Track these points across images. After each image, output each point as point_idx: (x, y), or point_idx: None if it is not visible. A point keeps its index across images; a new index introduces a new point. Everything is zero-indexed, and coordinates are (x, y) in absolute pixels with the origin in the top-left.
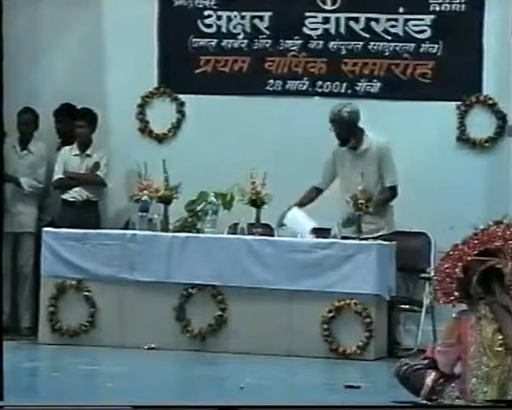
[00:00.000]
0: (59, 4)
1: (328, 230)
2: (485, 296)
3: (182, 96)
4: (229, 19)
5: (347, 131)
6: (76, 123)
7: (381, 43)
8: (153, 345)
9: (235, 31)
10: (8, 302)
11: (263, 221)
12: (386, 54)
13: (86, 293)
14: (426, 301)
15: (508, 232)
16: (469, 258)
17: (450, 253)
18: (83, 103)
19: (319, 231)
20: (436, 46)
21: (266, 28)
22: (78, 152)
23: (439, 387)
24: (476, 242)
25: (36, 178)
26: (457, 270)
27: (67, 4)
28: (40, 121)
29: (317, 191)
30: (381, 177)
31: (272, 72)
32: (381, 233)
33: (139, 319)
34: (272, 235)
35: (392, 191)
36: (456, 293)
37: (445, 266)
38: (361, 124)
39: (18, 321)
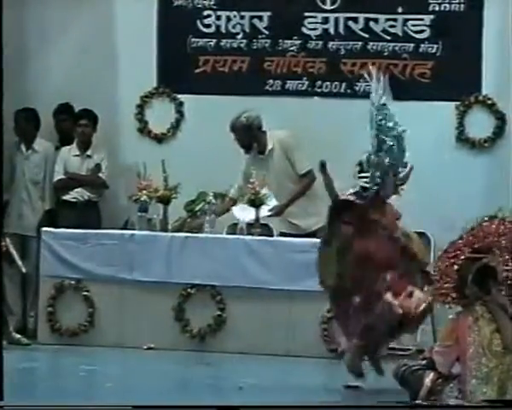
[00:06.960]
0: (59, 5)
1: None
2: (481, 296)
3: (181, 96)
4: (229, 19)
5: (248, 136)
6: (78, 122)
7: (380, 43)
8: (152, 345)
9: (234, 31)
10: (18, 304)
11: (262, 221)
12: (386, 54)
13: (85, 293)
14: None
15: (501, 228)
16: (463, 257)
17: (449, 250)
18: (82, 103)
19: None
20: (435, 46)
21: (265, 28)
22: (78, 152)
23: (438, 387)
24: (471, 238)
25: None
26: (454, 268)
27: (67, 5)
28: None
29: (232, 202)
30: (293, 168)
31: (271, 72)
32: (318, 226)
33: (138, 319)
34: (271, 235)
35: (309, 177)
36: (453, 294)
37: (441, 264)
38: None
39: (25, 322)
